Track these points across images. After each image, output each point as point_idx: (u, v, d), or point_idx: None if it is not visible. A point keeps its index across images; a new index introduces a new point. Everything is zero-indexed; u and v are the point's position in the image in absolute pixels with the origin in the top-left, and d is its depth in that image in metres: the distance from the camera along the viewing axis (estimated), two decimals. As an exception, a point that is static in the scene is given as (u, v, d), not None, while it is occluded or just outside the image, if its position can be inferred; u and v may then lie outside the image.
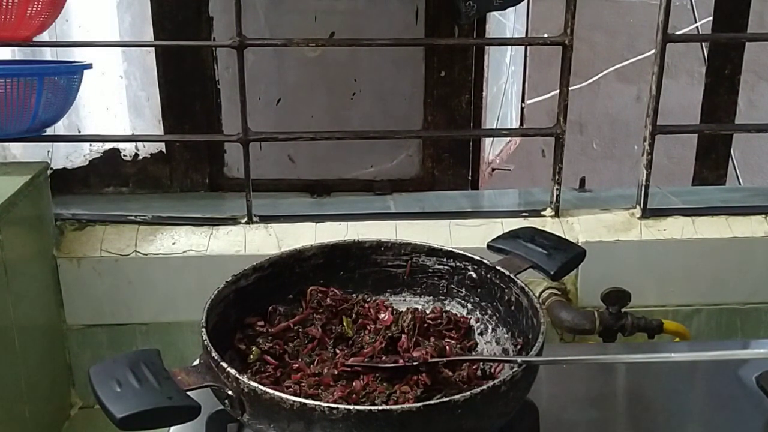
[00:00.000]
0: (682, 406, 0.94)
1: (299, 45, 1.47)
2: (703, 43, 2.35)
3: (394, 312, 0.93)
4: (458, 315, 0.95)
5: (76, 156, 1.80)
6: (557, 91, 1.45)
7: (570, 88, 1.44)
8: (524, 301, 0.87)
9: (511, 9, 1.87)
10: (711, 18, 1.87)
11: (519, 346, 0.87)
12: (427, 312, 0.94)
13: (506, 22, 2.27)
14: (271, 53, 1.83)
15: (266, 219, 1.47)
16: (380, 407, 0.72)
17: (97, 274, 1.41)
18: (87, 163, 1.81)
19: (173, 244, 1.42)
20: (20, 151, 1.66)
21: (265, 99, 1.85)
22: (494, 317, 0.93)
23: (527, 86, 2.68)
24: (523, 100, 2.65)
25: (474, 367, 0.87)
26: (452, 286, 0.97)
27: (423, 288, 0.98)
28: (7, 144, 1.59)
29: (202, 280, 1.37)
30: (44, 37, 1.44)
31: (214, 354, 0.74)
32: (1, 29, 1.30)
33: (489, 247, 0.98)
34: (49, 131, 1.43)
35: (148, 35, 1.71)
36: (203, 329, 0.79)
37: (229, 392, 0.72)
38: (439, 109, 1.85)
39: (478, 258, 0.94)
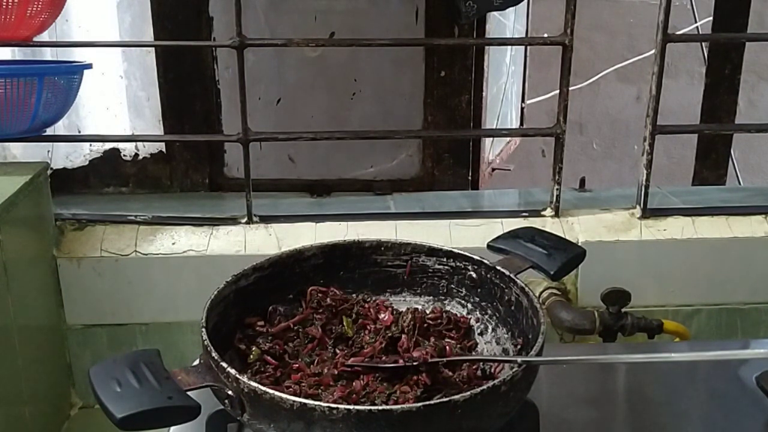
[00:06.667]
0: (682, 406, 0.94)
1: (299, 45, 1.47)
2: (703, 43, 2.35)
3: (394, 312, 0.93)
4: (458, 315, 0.95)
5: (76, 156, 1.80)
6: (557, 91, 1.45)
7: (570, 88, 1.44)
8: (524, 301, 0.87)
9: (511, 9, 1.86)
10: (711, 18, 1.87)
11: (519, 346, 0.87)
12: (427, 312, 0.94)
13: (506, 22, 2.27)
14: (271, 53, 1.83)
15: (266, 219, 1.47)
16: (380, 407, 0.72)
17: (97, 274, 1.41)
18: (87, 163, 1.81)
19: (173, 244, 1.42)
20: (20, 151, 1.66)
21: (265, 99, 1.85)
22: (494, 317, 0.93)
23: (527, 86, 2.68)
24: (523, 100, 2.65)
25: (474, 367, 0.87)
26: (452, 286, 0.97)
27: (423, 288, 0.98)
28: (7, 144, 1.59)
29: (202, 280, 1.37)
30: (44, 37, 1.44)
31: (214, 354, 0.74)
32: (1, 29, 1.30)
33: (489, 247, 0.98)
34: (49, 131, 1.43)
35: (148, 35, 1.71)
36: (203, 329, 0.79)
37: (229, 392, 0.72)
38: (439, 109, 1.85)
39: (478, 258, 0.94)
